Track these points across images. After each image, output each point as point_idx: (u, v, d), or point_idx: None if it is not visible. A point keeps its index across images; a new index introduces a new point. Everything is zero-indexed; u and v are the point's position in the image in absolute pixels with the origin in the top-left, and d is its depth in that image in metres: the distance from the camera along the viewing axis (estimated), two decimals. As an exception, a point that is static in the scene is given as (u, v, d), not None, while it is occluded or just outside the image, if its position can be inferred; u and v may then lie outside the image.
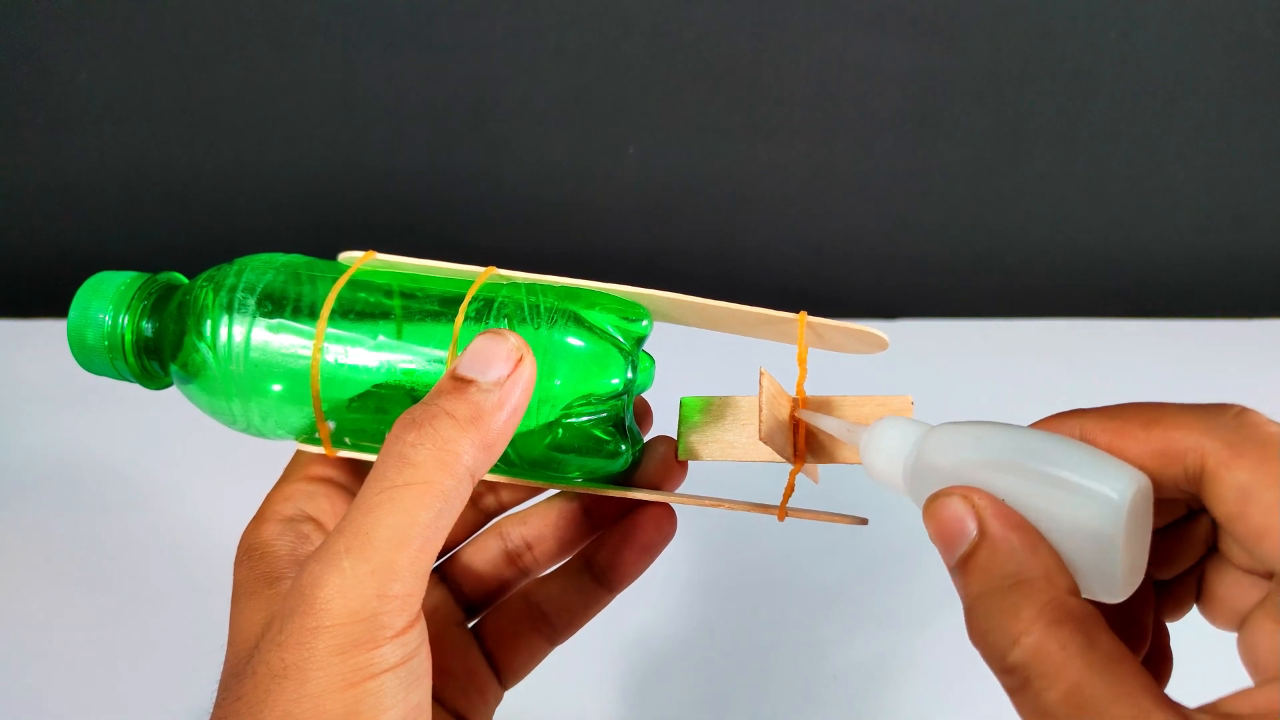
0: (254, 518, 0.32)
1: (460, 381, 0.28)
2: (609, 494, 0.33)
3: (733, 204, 0.78)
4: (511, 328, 0.31)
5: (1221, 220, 0.79)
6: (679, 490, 0.35)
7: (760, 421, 0.30)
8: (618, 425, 0.32)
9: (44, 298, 0.70)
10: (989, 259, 0.81)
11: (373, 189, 0.77)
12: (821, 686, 0.52)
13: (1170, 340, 0.75)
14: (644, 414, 0.36)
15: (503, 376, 0.28)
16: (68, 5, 0.68)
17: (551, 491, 0.36)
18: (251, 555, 0.30)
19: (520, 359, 0.28)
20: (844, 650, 0.54)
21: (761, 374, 0.31)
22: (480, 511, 0.37)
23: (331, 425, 0.32)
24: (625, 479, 0.34)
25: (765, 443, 0.30)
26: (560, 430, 0.31)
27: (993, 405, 0.68)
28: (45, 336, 0.71)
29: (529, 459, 0.32)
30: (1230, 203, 0.78)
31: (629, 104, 0.73)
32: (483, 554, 0.37)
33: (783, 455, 0.32)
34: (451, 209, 0.78)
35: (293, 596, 0.26)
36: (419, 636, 0.26)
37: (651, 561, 0.36)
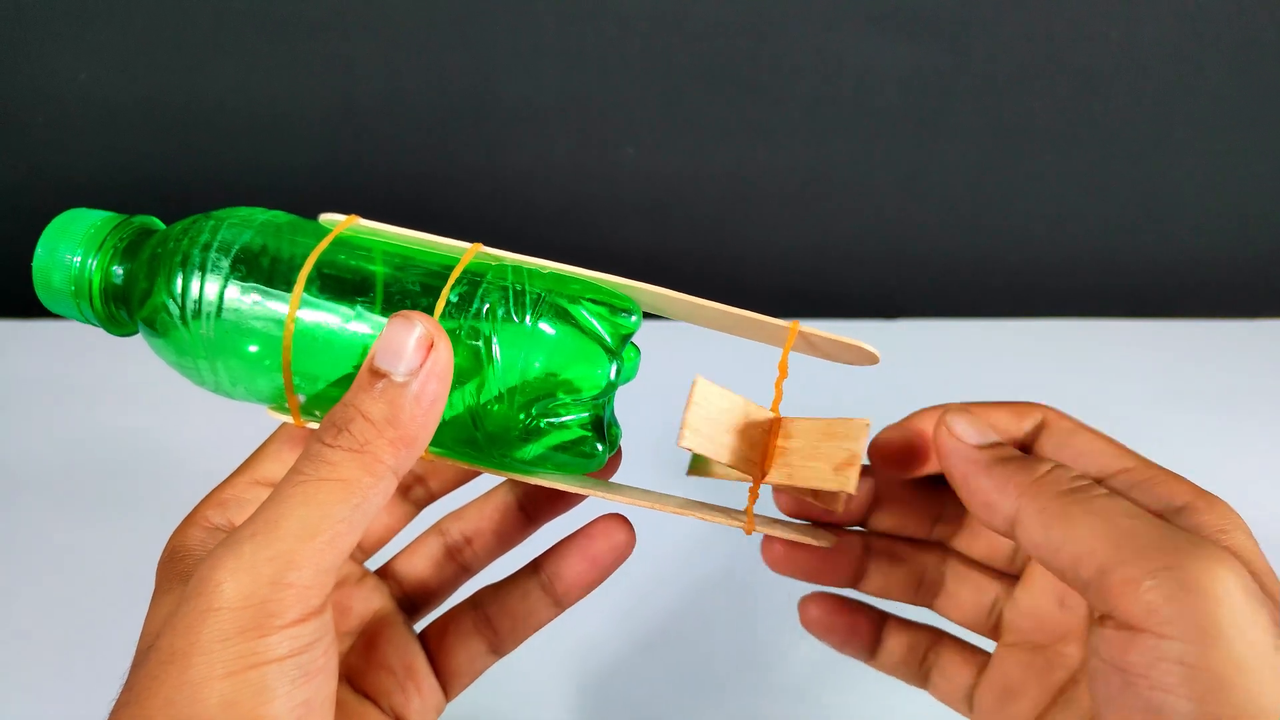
0: (183, 521, 0.31)
1: (375, 375, 0.27)
2: (567, 489, 0.33)
3: (732, 204, 0.78)
4: (495, 321, 0.30)
5: (1222, 220, 0.79)
6: (641, 487, 0.34)
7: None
8: (597, 425, 0.31)
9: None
10: (989, 259, 0.81)
11: (372, 189, 0.77)
12: (791, 697, 0.52)
13: (1170, 340, 0.74)
14: None
15: (415, 367, 0.27)
16: (67, 6, 0.68)
17: (495, 481, 0.35)
18: (173, 558, 0.30)
19: (431, 346, 0.27)
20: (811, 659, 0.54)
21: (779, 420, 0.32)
22: (411, 503, 0.37)
23: (302, 398, 0.31)
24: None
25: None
26: (544, 431, 0.31)
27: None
28: (45, 336, 0.71)
29: (501, 450, 0.31)
30: (1230, 203, 0.78)
31: (628, 104, 0.73)
32: (423, 550, 0.37)
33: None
34: (450, 209, 0.78)
35: (192, 581, 0.25)
36: (315, 632, 0.25)
37: (602, 578, 0.35)
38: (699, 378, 0.32)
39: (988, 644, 0.36)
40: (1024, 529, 0.27)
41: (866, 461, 0.34)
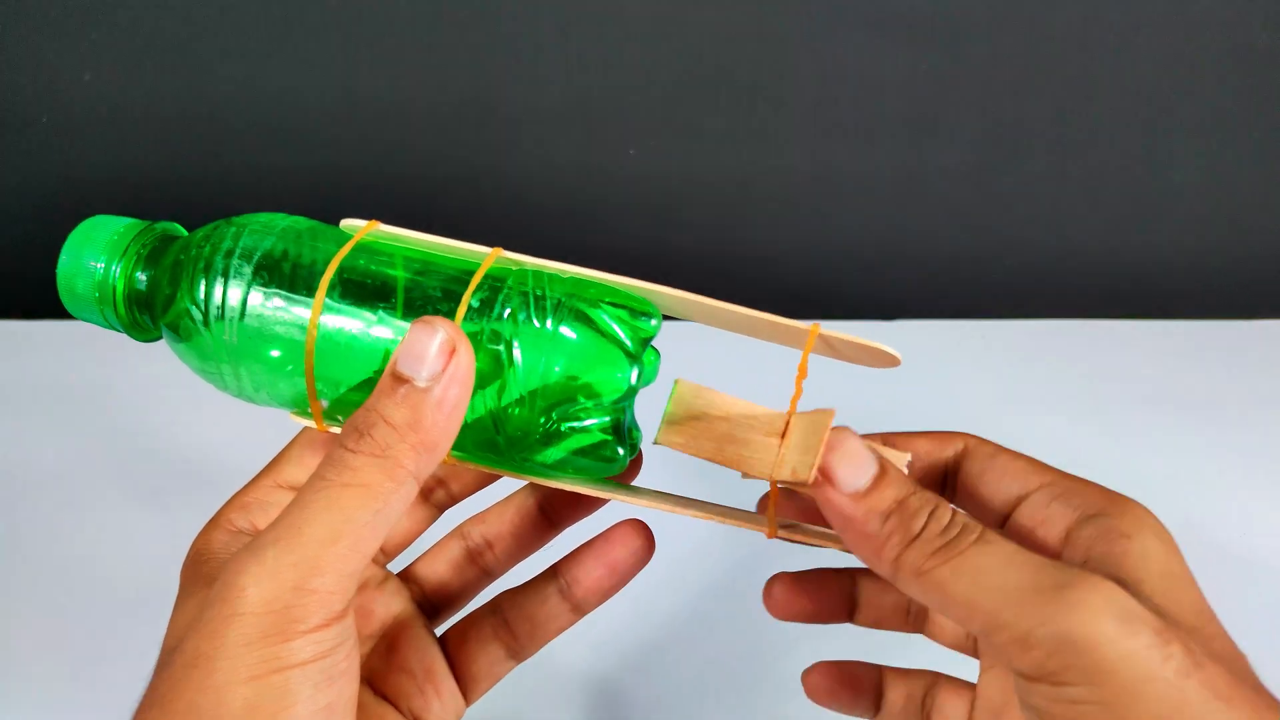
0: (207, 524, 0.32)
1: (397, 380, 0.27)
2: (588, 492, 0.33)
3: (734, 206, 0.78)
4: (516, 326, 0.30)
5: (1221, 221, 0.79)
6: (657, 489, 0.34)
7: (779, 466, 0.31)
8: (617, 429, 0.31)
9: (44, 298, 0.70)
10: (989, 259, 0.81)
11: (375, 191, 0.77)
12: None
13: (1170, 340, 0.75)
14: None
15: (437, 373, 0.27)
16: (71, 7, 0.68)
17: (517, 485, 0.36)
18: (197, 560, 0.30)
19: (453, 351, 0.27)
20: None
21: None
22: (432, 506, 0.37)
23: (325, 404, 0.31)
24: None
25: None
26: (565, 435, 0.31)
27: (991, 406, 0.68)
28: (45, 337, 0.71)
29: (522, 454, 0.31)
30: (1230, 203, 0.78)
31: (630, 107, 0.73)
32: (444, 554, 0.37)
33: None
34: (455, 211, 0.78)
35: (216, 586, 0.25)
36: (338, 637, 0.26)
37: (620, 584, 0.35)
38: (680, 379, 0.33)
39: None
40: (904, 590, 0.27)
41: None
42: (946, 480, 0.33)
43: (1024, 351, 0.74)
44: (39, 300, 0.76)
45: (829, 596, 0.37)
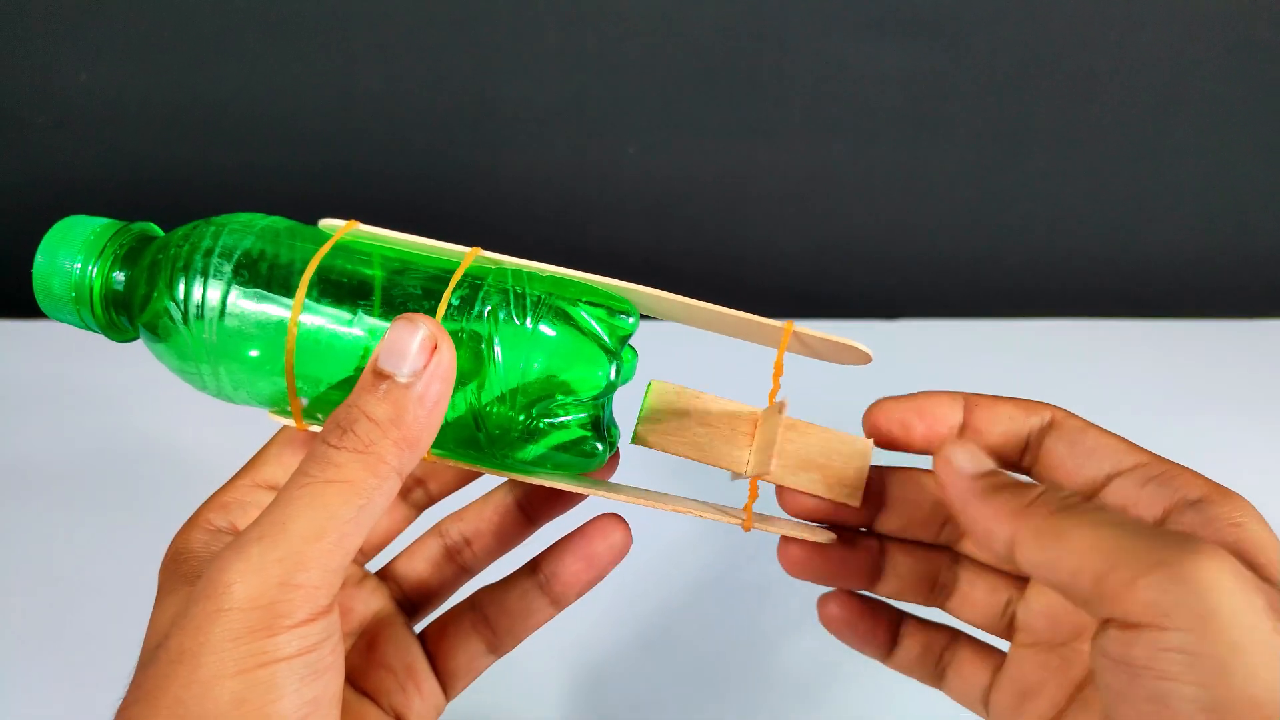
0: (185, 524, 0.32)
1: (379, 376, 0.27)
2: (568, 488, 0.33)
3: (732, 204, 0.78)
4: (496, 324, 0.30)
5: (1221, 220, 0.79)
6: (635, 486, 0.34)
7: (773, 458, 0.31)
8: (596, 425, 0.31)
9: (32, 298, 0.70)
10: (989, 259, 0.81)
11: (372, 190, 0.77)
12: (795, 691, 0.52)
13: (1170, 340, 0.75)
14: None
15: (419, 369, 0.27)
16: (68, 6, 0.68)
17: (495, 483, 0.36)
18: (177, 559, 0.30)
19: (435, 347, 0.27)
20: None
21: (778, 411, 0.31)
22: (411, 506, 0.38)
23: (304, 402, 0.32)
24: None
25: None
26: (545, 432, 0.31)
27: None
28: (45, 336, 0.71)
29: (503, 451, 0.32)
30: (1230, 203, 0.78)
31: (629, 104, 0.73)
32: (423, 552, 0.37)
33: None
34: (451, 210, 0.78)
35: (201, 582, 0.26)
36: (323, 632, 0.26)
37: (599, 577, 0.35)
38: (653, 381, 0.33)
39: (1002, 643, 0.36)
40: (1021, 550, 0.27)
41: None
42: (1028, 449, 0.33)
43: (1025, 351, 0.73)
44: (35, 299, 0.76)
45: (848, 557, 0.35)
